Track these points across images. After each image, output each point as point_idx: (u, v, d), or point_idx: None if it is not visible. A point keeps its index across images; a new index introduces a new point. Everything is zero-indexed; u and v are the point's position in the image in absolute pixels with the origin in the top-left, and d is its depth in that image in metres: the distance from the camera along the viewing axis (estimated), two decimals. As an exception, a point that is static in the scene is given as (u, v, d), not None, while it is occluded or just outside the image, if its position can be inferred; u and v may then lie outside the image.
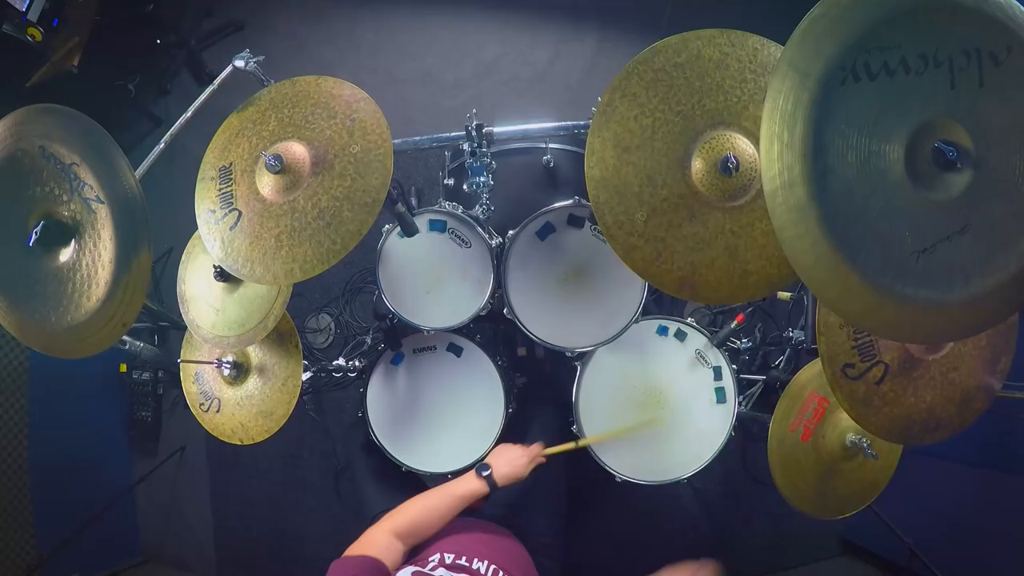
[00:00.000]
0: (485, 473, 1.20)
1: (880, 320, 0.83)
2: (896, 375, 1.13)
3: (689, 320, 1.51)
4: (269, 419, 1.44)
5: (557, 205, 1.38)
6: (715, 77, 1.02)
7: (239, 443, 1.46)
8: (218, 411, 1.49)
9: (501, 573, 1.01)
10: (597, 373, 1.50)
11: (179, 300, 1.46)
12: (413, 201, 2.30)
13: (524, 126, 1.66)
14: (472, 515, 1.23)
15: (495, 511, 1.31)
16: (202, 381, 1.53)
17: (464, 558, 1.01)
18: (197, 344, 1.53)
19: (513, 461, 1.24)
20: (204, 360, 1.50)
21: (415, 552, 1.08)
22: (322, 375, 1.99)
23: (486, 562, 1.01)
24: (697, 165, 1.02)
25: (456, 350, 1.54)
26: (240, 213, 1.10)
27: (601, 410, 1.50)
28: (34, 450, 2.11)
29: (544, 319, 1.45)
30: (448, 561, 1.01)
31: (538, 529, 1.35)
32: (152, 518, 2.52)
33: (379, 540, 1.03)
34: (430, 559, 1.01)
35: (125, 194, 1.03)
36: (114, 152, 1.04)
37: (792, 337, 1.64)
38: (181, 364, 1.54)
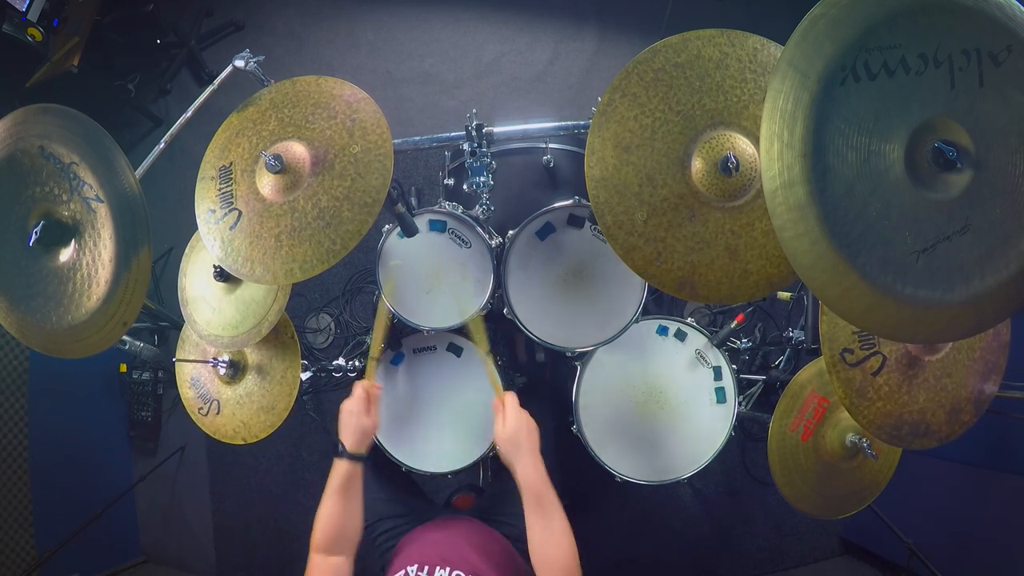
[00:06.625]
0: (340, 450, 1.18)
1: (880, 320, 0.83)
2: (893, 369, 1.13)
3: (689, 320, 1.51)
4: (271, 414, 1.43)
5: (557, 205, 1.38)
6: (715, 77, 1.02)
7: (242, 443, 1.45)
8: (218, 413, 1.48)
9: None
10: (597, 373, 1.50)
11: (179, 297, 1.45)
12: (413, 201, 2.29)
13: (524, 126, 1.66)
14: (459, 514, 1.23)
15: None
16: (199, 384, 1.52)
17: (425, 568, 1.03)
18: (193, 345, 1.52)
19: (350, 420, 1.20)
20: (199, 359, 1.49)
21: (387, 567, 1.11)
22: (322, 375, 1.98)
23: (448, 568, 1.02)
24: (697, 165, 1.02)
25: (456, 350, 1.54)
26: (240, 213, 1.10)
27: (601, 410, 1.50)
28: (34, 450, 2.11)
29: (544, 319, 1.45)
30: (412, 574, 1.02)
31: None
32: (152, 518, 2.52)
33: (313, 568, 1.07)
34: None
35: (125, 193, 1.03)
36: (114, 151, 1.04)
37: (792, 337, 1.63)
38: (176, 366, 1.53)
